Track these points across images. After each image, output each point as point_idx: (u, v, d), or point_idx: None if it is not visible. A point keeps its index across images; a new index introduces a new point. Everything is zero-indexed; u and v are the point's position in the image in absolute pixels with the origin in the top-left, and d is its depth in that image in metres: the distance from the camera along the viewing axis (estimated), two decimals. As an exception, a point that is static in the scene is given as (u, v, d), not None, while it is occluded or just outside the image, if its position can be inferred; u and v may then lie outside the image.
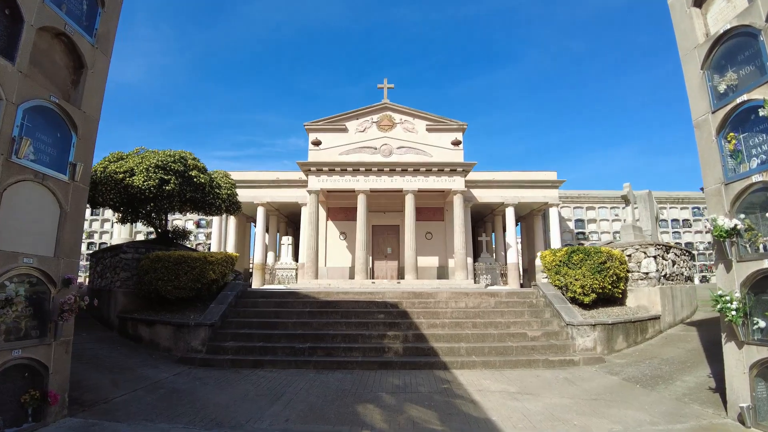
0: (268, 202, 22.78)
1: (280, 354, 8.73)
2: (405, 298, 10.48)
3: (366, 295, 10.65)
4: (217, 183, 11.81)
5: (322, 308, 10.16)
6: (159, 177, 10.70)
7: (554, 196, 22.79)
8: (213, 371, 8.29)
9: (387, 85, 23.26)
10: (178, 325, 9.47)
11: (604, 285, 10.37)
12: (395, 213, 22.62)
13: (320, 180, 20.34)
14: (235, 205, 12.30)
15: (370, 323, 9.43)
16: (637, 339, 10.14)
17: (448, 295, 10.65)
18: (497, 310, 10.13)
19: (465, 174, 20.46)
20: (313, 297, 10.64)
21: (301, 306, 10.32)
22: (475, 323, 9.59)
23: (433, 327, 9.42)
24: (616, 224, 25.82)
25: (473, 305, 10.36)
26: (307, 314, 9.92)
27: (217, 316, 9.72)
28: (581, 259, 10.34)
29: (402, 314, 9.79)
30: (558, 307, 10.05)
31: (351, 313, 9.85)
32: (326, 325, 9.48)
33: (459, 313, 9.92)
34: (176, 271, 10.11)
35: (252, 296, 10.94)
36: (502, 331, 9.44)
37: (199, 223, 25.72)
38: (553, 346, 9.06)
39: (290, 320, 9.71)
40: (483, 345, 8.84)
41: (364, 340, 8.95)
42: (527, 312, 10.20)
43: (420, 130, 22.64)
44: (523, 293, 11.02)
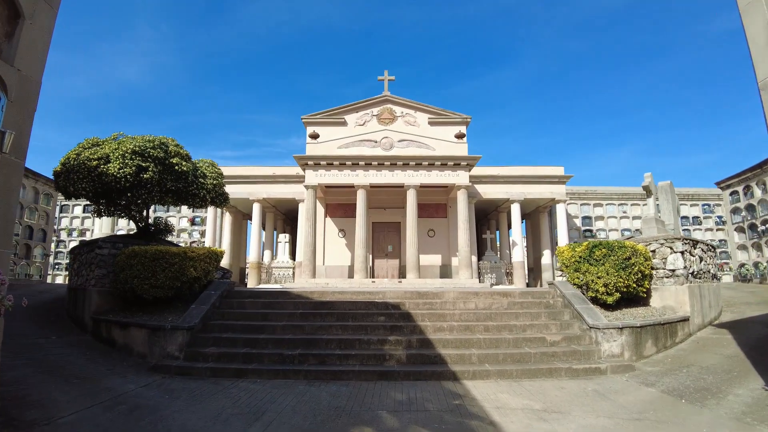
0: (264, 198, 21.63)
1: (266, 362, 7.58)
2: (408, 299, 9.33)
3: (365, 295, 9.50)
4: (201, 172, 10.65)
5: (316, 310, 9.00)
6: (136, 164, 9.56)
7: (561, 191, 21.63)
8: (189, 381, 7.14)
9: (387, 77, 22.12)
10: (154, 329, 8.32)
11: (629, 283, 9.21)
12: (396, 209, 21.47)
13: (318, 175, 19.19)
14: (222, 197, 11.14)
15: (369, 327, 8.27)
16: (667, 343, 8.98)
17: (456, 295, 9.49)
18: (511, 312, 8.97)
19: (469, 168, 19.31)
20: (306, 297, 9.48)
21: (292, 307, 9.16)
22: (487, 327, 8.42)
23: (439, 331, 8.26)
24: (624, 221, 24.68)
25: (484, 306, 9.20)
26: (299, 316, 8.76)
27: (197, 318, 8.57)
28: (604, 254, 9.18)
29: (405, 316, 8.63)
30: (579, 308, 8.89)
31: (348, 316, 8.70)
32: (320, 329, 8.32)
33: (468, 315, 8.76)
34: (153, 268, 8.97)
35: (238, 296, 9.78)
36: (517, 335, 8.28)
37: (194, 221, 24.58)
38: (575, 352, 7.90)
39: (279, 323, 8.55)
40: (497, 351, 7.68)
41: (362, 346, 7.80)
42: (544, 314, 9.04)
43: (422, 124, 21.49)
44: (539, 293, 9.87)
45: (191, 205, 10.70)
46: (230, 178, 21.52)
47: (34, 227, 18.72)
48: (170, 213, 24.83)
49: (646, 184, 11.16)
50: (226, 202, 11.42)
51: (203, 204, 10.72)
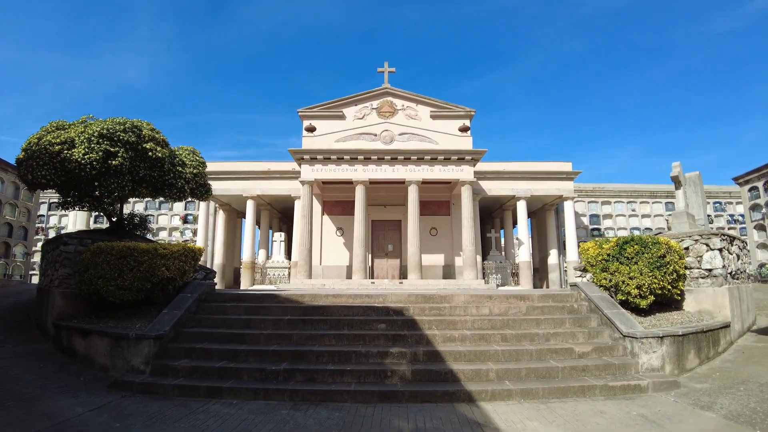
0: (258, 195, 20.35)
1: (245, 378, 6.30)
2: (412, 303, 8.04)
3: (363, 299, 8.21)
4: (180, 160, 9.37)
5: (306, 316, 7.71)
6: (104, 149, 8.28)
7: (569, 188, 20.36)
8: (152, 403, 5.85)
9: (387, 68, 20.88)
10: (117, 338, 7.04)
11: (663, 285, 7.94)
12: (397, 207, 20.19)
13: (314, 170, 17.90)
14: (203, 188, 9.83)
15: (367, 336, 6.98)
16: (709, 354, 7.71)
17: (467, 299, 8.21)
18: (531, 318, 7.68)
19: (474, 163, 18.04)
20: (296, 301, 8.18)
21: (279, 313, 7.86)
22: (505, 336, 7.13)
23: (450, 341, 6.97)
24: (633, 219, 23.43)
25: (499, 312, 7.91)
26: (287, 324, 7.46)
27: (168, 325, 7.27)
28: (637, 251, 7.90)
29: (409, 324, 7.34)
30: (609, 313, 7.60)
31: (343, 323, 7.40)
32: (310, 339, 7.02)
33: (482, 322, 7.47)
34: (120, 267, 7.68)
35: (219, 300, 8.49)
36: (540, 346, 6.99)
37: (186, 219, 23.29)
38: (609, 365, 6.61)
39: (263, 332, 7.25)
40: (518, 366, 6.40)
41: (359, 359, 6.50)
42: (568, 320, 7.76)
43: (423, 117, 20.25)
44: (560, 296, 8.58)
45: (168, 197, 9.41)
46: (222, 174, 20.29)
47: (14, 224, 17.43)
48: (162, 211, 23.58)
49: (674, 174, 9.89)
50: (208, 194, 10.11)
51: (181, 196, 9.42)
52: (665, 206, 23.41)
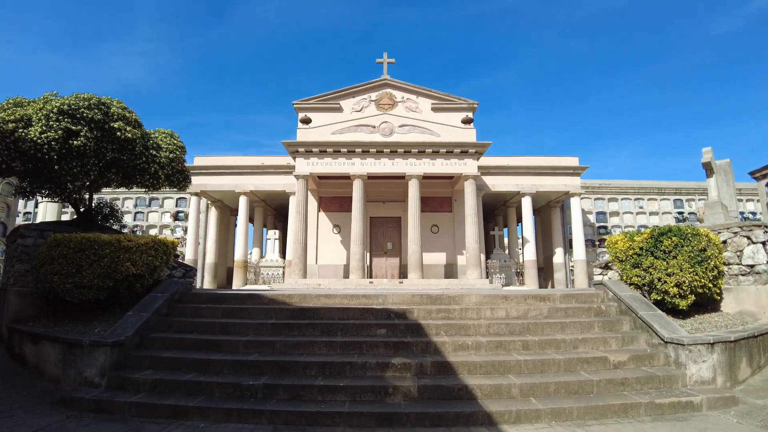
0: (251, 191, 19.17)
1: (217, 395, 5.15)
2: (416, 304, 6.89)
3: (360, 300, 7.05)
4: (155, 143, 8.22)
5: (294, 320, 6.55)
6: (64, 127, 7.14)
7: (576, 184, 19.24)
8: (102, 426, 4.72)
9: (387, 59, 19.78)
10: (70, 344, 5.89)
11: (704, 282, 6.82)
12: (396, 203, 19.05)
13: (309, 163, 16.74)
14: (181, 175, 8.66)
15: (364, 344, 5.82)
16: (760, 362, 6.59)
17: (479, 300, 7.06)
18: (554, 322, 6.54)
19: (477, 156, 16.90)
20: (282, 303, 7.02)
21: (263, 316, 6.70)
22: (526, 343, 5.99)
23: (462, 350, 5.82)
24: (641, 217, 22.33)
25: (517, 314, 6.76)
26: (270, 329, 6.30)
27: (131, 330, 6.12)
28: (675, 244, 6.77)
29: (413, 329, 6.19)
30: (645, 315, 6.47)
31: (336, 328, 6.24)
32: (297, 347, 5.86)
33: (499, 326, 6.32)
34: (78, 262, 6.53)
35: (195, 300, 7.34)
36: (568, 354, 5.85)
37: (177, 216, 22.09)
38: (651, 377, 5.49)
39: (243, 338, 6.09)
40: (545, 380, 5.26)
41: (354, 372, 5.35)
42: (597, 324, 6.62)
43: (424, 110, 19.15)
44: (584, 296, 7.44)
45: (140, 184, 8.25)
46: (214, 168, 19.14)
47: (-9, 221, 16.23)
48: (152, 207, 22.39)
49: (706, 161, 8.78)
50: (186, 182, 8.93)
51: (155, 183, 8.25)
52: (673, 203, 22.35)
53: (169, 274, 8.40)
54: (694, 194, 22.61)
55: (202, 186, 19.10)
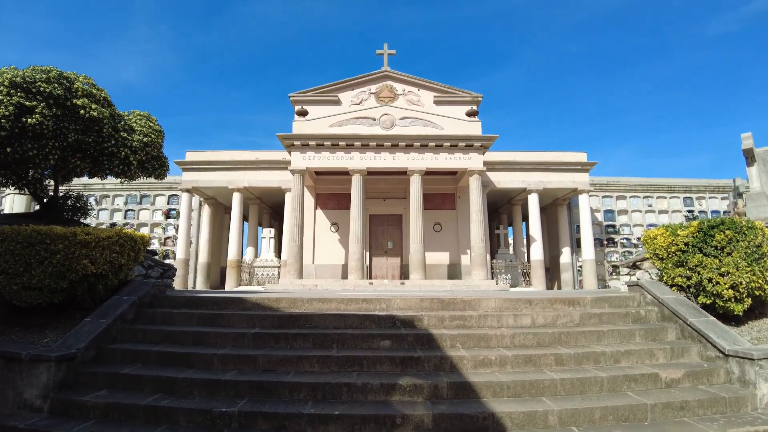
0: (245, 188, 18.09)
1: (183, 424, 4.09)
2: (425, 310, 5.81)
3: (360, 305, 5.98)
4: (127, 125, 7.14)
5: (282, 328, 5.47)
6: (16, 102, 6.06)
7: (584, 180, 18.20)
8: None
9: (387, 50, 18.73)
10: (8, 358, 4.80)
11: (761, 283, 5.77)
12: (397, 200, 17.98)
13: (306, 157, 15.66)
14: (157, 161, 7.57)
15: (365, 359, 4.74)
16: (830, 379, 5.53)
17: (499, 305, 5.98)
18: (588, 330, 5.47)
19: (483, 150, 15.85)
20: (269, 307, 5.94)
21: (245, 324, 5.62)
22: (560, 357, 4.92)
23: (484, 366, 4.75)
24: (650, 216, 21.30)
25: (545, 322, 5.69)
26: (252, 340, 5.22)
27: (85, 340, 5.05)
28: (729, 239, 5.73)
29: (423, 340, 5.12)
30: (695, 323, 5.42)
31: (331, 339, 5.16)
32: (283, 363, 4.78)
33: (525, 337, 5.25)
34: (27, 259, 5.44)
35: (168, 305, 6.25)
36: (611, 371, 4.78)
37: (169, 214, 20.99)
38: (715, 399, 4.43)
39: (218, 351, 5.01)
40: (588, 404, 4.20)
41: (353, 396, 4.28)
42: (638, 332, 5.56)
43: (426, 103, 18.09)
44: (618, 299, 6.38)
45: (109, 171, 7.16)
46: (206, 164, 18.05)
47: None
48: (143, 205, 21.28)
49: (747, 147, 7.75)
50: (163, 170, 7.84)
51: (127, 170, 7.16)
52: (683, 201, 21.34)
53: (144, 274, 7.34)
54: (704, 192, 21.60)
55: (193, 182, 18.03)
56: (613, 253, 20.75)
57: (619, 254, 20.72)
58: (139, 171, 7.34)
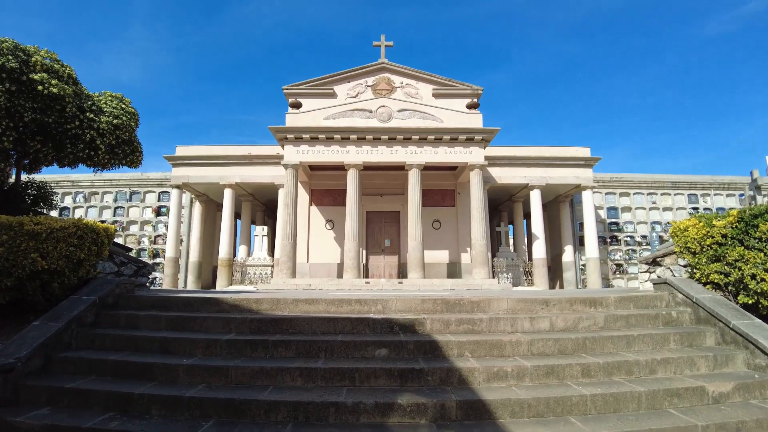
0: (237, 183, 17.27)
1: (131, 455, 3.28)
2: (428, 313, 5.04)
3: (353, 306, 5.19)
4: (94, 105, 6.34)
5: (260, 334, 4.68)
6: (-42, 78, 5.25)
7: (588, 176, 17.46)
8: None
9: (384, 42, 17.92)
10: (-66, 373, 4.00)
11: (808, 282, 5.02)
12: (395, 196, 17.20)
13: (299, 151, 14.87)
14: (128, 147, 6.74)
15: (358, 372, 3.96)
16: None
17: (512, 306, 5.20)
18: (615, 335, 4.70)
19: (485, 144, 15.09)
20: (248, 309, 5.14)
21: (219, 328, 4.83)
22: (587, 367, 4.15)
23: (499, 379, 3.97)
24: (654, 213, 20.61)
25: (565, 325, 4.92)
26: (226, 347, 4.42)
27: (27, 348, 4.25)
28: (775, 231, 4.98)
29: (426, 348, 4.33)
30: (739, 326, 4.66)
31: (318, 347, 4.37)
32: (260, 376, 3.99)
33: (544, 343, 4.47)
34: (-36, 256, 4.64)
35: (135, 305, 5.45)
36: (648, 384, 4.01)
37: (159, 211, 20.15)
38: (773, 421, 3.67)
39: (185, 361, 4.22)
40: (625, 427, 3.44)
41: (342, 418, 3.50)
42: (672, 337, 4.80)
43: (425, 96, 17.29)
44: (644, 299, 5.62)
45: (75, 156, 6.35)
46: (197, 159, 17.22)
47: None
48: (133, 202, 20.44)
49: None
50: (136, 156, 7.01)
51: (94, 155, 6.36)
52: (688, 198, 20.64)
53: (116, 272, 6.55)
54: (709, 188, 20.92)
55: (184, 178, 17.20)
56: (616, 252, 20.03)
57: (622, 252, 20.01)
58: (109, 157, 6.53)
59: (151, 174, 20.56)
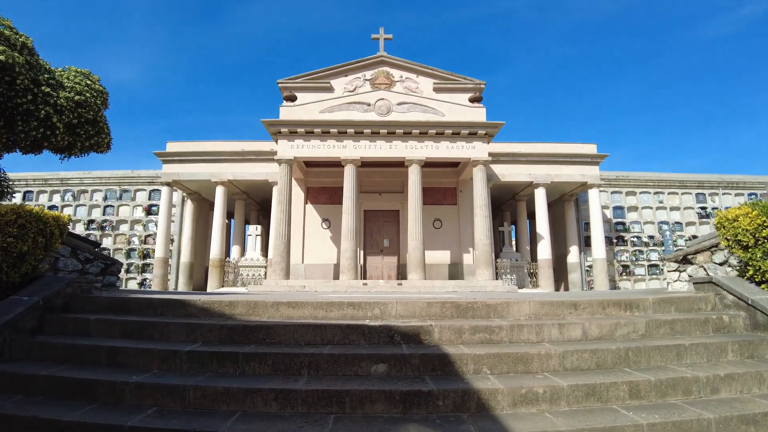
0: (230, 181, 16.42)
1: None
2: (435, 318, 4.18)
3: (345, 311, 4.32)
4: (53, 79, 5.49)
5: (231, 344, 3.81)
6: None
7: (595, 174, 16.66)
8: None
9: (384, 35, 17.14)
10: None
11: None
12: (394, 194, 16.36)
13: (294, 146, 14.03)
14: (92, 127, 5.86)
15: (348, 396, 3.09)
16: None
17: (534, 311, 4.34)
18: (663, 345, 3.85)
19: (488, 139, 14.28)
20: (220, 314, 4.27)
21: (182, 336, 3.95)
22: (635, 386, 3.29)
23: (528, 404, 3.11)
24: (661, 213, 19.80)
25: (600, 333, 4.06)
26: (186, 361, 3.55)
27: (-63, 365, 3.37)
28: None
29: (434, 362, 3.47)
30: (812, 336, 3.82)
31: (300, 361, 3.49)
32: (224, 399, 3.13)
33: (580, 356, 3.61)
34: None
35: (88, 308, 4.58)
36: (718, 409, 3.15)
37: (150, 210, 19.26)
38: None
39: (135, 377, 3.35)
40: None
41: (325, 459, 2.64)
42: (731, 346, 3.95)
43: (425, 90, 16.50)
44: (686, 300, 4.77)
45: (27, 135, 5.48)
46: (188, 155, 16.38)
47: None
48: (123, 201, 19.54)
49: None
50: (102, 138, 6.09)
51: (50, 136, 5.49)
52: (695, 197, 19.85)
53: (80, 270, 5.69)
54: (717, 187, 20.12)
55: (174, 175, 16.35)
56: (623, 252, 19.19)
57: (629, 253, 19.17)
58: (70, 138, 5.66)
59: (142, 172, 19.69)
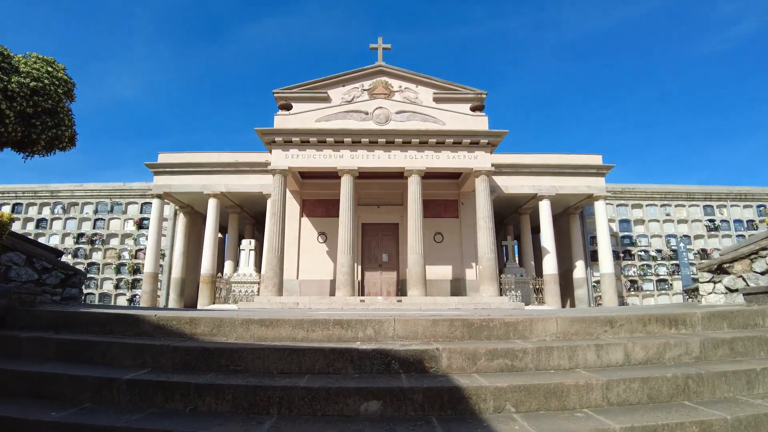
0: (223, 193, 15.72)
1: None
2: (442, 340, 3.40)
3: (330, 331, 3.53)
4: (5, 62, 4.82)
5: (184, 372, 3.02)
6: None
7: (601, 186, 15.98)
8: None
9: (382, 44, 16.70)
10: None
11: None
12: (393, 207, 15.62)
13: (289, 155, 13.38)
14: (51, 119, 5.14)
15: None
16: None
17: (563, 329, 3.57)
18: (727, 371, 3.07)
19: (491, 149, 13.66)
20: (178, 333, 3.50)
21: (129, 360, 3.18)
22: (708, 428, 2.50)
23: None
24: (668, 226, 19.06)
25: (645, 356, 3.29)
26: (126, 392, 2.77)
27: None
28: None
29: (443, 398, 2.69)
30: None
31: (269, 397, 2.71)
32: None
33: (628, 386, 2.84)
34: None
35: (26, 324, 3.81)
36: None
37: (142, 224, 18.50)
38: None
39: (54, 415, 2.56)
40: None
41: None
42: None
43: (425, 100, 15.95)
44: (739, 314, 4.01)
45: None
46: (180, 167, 15.73)
47: None
48: (114, 214, 18.81)
49: None
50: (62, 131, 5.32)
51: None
52: (703, 210, 19.16)
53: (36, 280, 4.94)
54: (725, 199, 19.43)
55: (165, 187, 15.66)
56: (630, 267, 18.38)
57: (636, 268, 18.35)
58: (23, 129, 4.95)
59: (134, 184, 19.01)
